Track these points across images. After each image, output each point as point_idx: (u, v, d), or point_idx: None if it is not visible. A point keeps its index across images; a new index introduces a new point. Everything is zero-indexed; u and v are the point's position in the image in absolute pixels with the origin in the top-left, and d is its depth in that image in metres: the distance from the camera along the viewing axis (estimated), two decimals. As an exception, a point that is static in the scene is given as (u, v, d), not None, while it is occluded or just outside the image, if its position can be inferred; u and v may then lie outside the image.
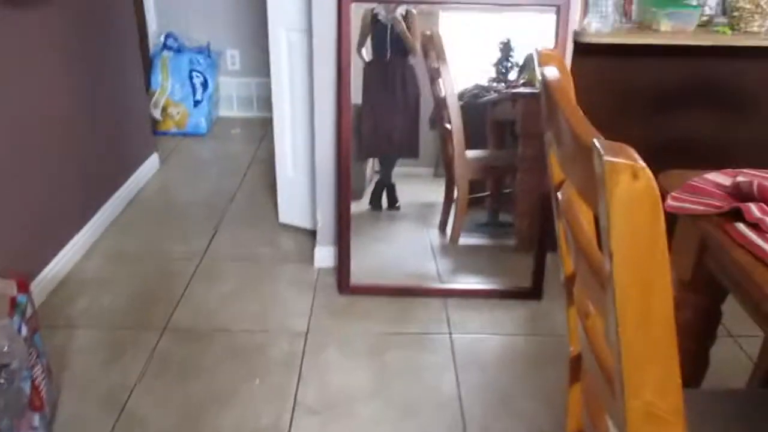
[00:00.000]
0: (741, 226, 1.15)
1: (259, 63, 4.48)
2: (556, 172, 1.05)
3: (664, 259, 0.61)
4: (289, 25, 2.77)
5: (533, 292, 2.70)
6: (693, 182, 1.31)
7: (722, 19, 2.55)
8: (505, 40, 4.88)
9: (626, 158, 0.59)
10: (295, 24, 2.75)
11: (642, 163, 0.60)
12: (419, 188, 5.26)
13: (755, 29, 2.41)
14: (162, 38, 4.41)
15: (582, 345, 0.99)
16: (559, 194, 1.03)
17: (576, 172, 0.81)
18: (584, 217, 0.94)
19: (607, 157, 0.60)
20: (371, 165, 5.41)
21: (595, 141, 0.64)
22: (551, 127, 0.97)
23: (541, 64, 1.02)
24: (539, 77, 1.01)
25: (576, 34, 2.51)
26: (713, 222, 1.21)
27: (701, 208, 1.24)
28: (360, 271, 2.82)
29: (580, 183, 0.79)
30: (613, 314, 0.64)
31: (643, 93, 2.66)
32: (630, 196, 0.59)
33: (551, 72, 0.97)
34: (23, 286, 1.72)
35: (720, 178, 1.32)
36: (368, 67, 4.31)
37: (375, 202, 4.32)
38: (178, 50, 4.30)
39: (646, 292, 0.61)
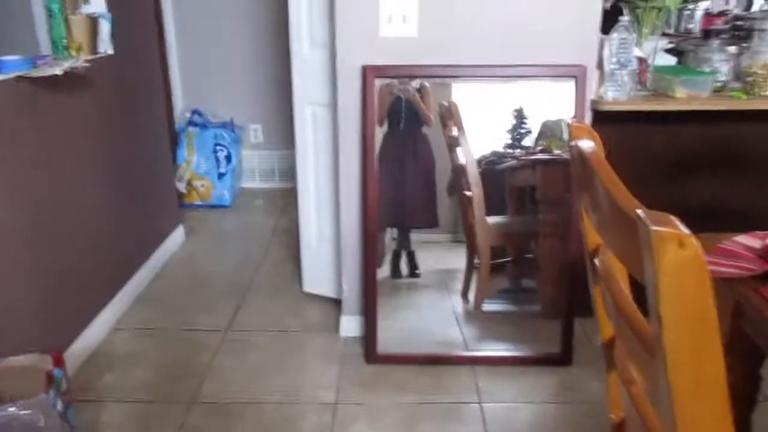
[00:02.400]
0: (775, 289, 1.15)
1: (280, 136, 4.60)
2: (591, 236, 1.05)
3: (714, 323, 0.62)
4: (313, 99, 2.86)
5: (563, 359, 2.66)
6: (724, 245, 1.32)
7: (736, 85, 2.61)
8: (518, 108, 4.99)
9: (672, 227, 0.61)
10: (319, 99, 2.84)
11: (687, 231, 0.62)
12: (439, 255, 5.23)
13: (769, 94, 2.46)
14: (188, 114, 4.56)
15: (627, 411, 0.98)
16: (595, 259, 1.04)
17: (615, 238, 0.81)
18: (624, 281, 0.94)
19: (653, 227, 0.61)
20: (389, 233, 5.44)
21: (639, 211, 0.65)
22: (586, 193, 0.99)
23: (573, 136, 1.06)
24: (572, 147, 1.04)
25: (594, 102, 2.57)
26: (747, 284, 1.21)
27: (735, 271, 1.24)
28: (385, 340, 2.80)
29: (621, 249, 0.80)
30: (665, 380, 0.64)
31: (663, 158, 2.69)
32: (678, 264, 0.60)
33: (586, 144, 1.00)
34: (59, 361, 1.74)
35: (750, 240, 1.33)
36: (384, 138, 4.40)
37: (395, 269, 4.32)
38: (203, 126, 4.44)
39: (697, 356, 0.62)
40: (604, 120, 2.59)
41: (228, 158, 4.38)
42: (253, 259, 3.51)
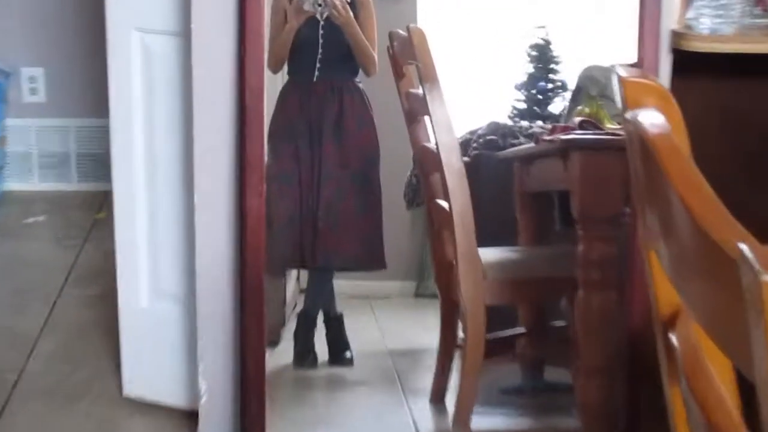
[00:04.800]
0: None
1: (81, 92, 4.50)
2: (662, 291, 1.08)
3: None
4: (144, 21, 2.83)
5: None
6: None
7: None
8: (541, 39, 5.06)
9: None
10: (156, 20, 2.81)
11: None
12: (390, 322, 5.24)
13: None
14: None
15: None
16: (671, 335, 1.06)
17: (702, 295, 0.85)
18: (723, 374, 0.97)
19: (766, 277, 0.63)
20: (292, 280, 5.39)
21: (744, 246, 0.67)
22: (651, 210, 1.01)
23: (628, 102, 1.05)
24: (628, 124, 1.05)
25: (675, 36, 2.58)
26: None
27: None
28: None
29: (712, 315, 0.83)
30: None
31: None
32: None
33: (652, 118, 1.00)
34: None
35: None
36: (283, 97, 4.33)
37: (303, 350, 4.23)
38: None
39: None
40: (690, 68, 2.61)
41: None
42: (24, 332, 3.44)
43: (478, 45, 5.01)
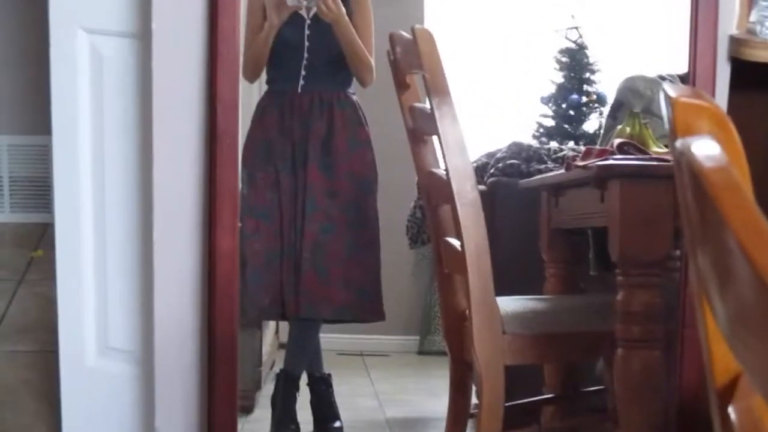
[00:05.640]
0: None
1: (17, 102, 4.51)
2: (717, 354, 1.08)
3: None
4: (92, 20, 2.85)
5: None
6: None
7: None
8: (575, 42, 5.05)
9: None
10: (108, 19, 2.83)
11: None
12: (388, 385, 5.25)
13: None
14: None
15: None
16: (729, 408, 1.05)
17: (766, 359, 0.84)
18: None
19: None
20: (270, 335, 5.38)
21: None
22: (705, 255, 1.00)
23: (678, 127, 1.06)
24: (677, 153, 1.05)
25: (735, 43, 2.60)
26: None
27: None
28: None
29: None
30: None
31: None
32: None
33: (707, 149, 0.99)
34: None
35: None
36: (261, 110, 4.31)
37: (283, 419, 4.20)
38: None
39: None
40: (754, 82, 2.64)
41: None
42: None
43: (497, 50, 5.02)
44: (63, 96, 2.91)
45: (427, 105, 2.89)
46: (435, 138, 2.94)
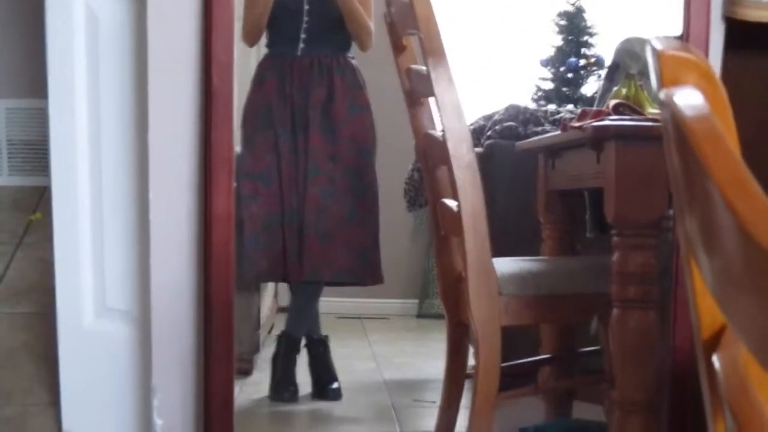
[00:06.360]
0: None
1: (14, 66, 4.50)
2: (704, 310, 1.08)
3: None
4: None
5: None
6: None
7: None
8: (573, 5, 5.03)
9: None
10: None
11: None
12: (386, 347, 5.26)
13: None
14: None
15: None
16: (714, 360, 1.07)
17: (751, 312, 0.84)
18: None
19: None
20: (269, 298, 5.38)
21: None
22: (691, 212, 1.00)
23: (664, 80, 1.06)
24: (664, 106, 1.04)
25: (729, 3, 2.59)
26: None
27: None
28: None
29: (761, 334, 0.82)
30: None
31: None
32: None
33: (689, 99, 0.99)
34: None
35: None
36: (260, 73, 4.31)
37: (283, 380, 4.22)
38: None
39: None
40: (748, 42, 2.63)
41: None
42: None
43: (496, 12, 5.01)
44: (58, 58, 2.91)
45: (423, 67, 2.89)
46: (431, 100, 2.93)
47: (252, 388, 4.00)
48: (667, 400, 2.71)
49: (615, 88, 3.14)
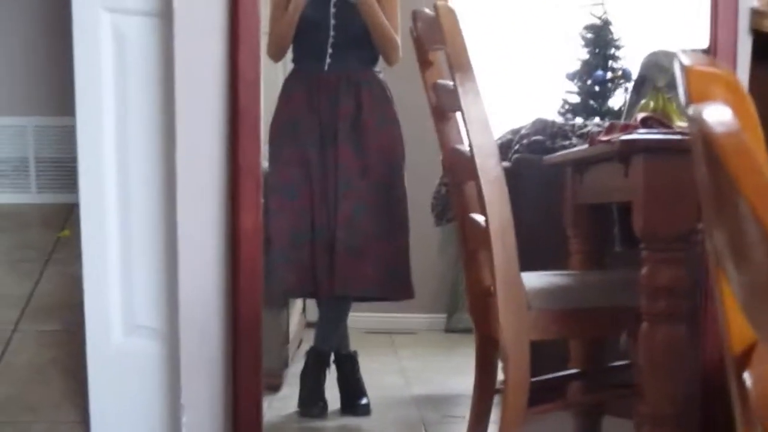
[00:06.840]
0: None
1: (43, 84, 4.51)
2: (734, 323, 1.07)
3: None
4: (117, 1, 2.85)
5: None
6: None
7: None
8: (599, 18, 5.01)
9: None
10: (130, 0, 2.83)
11: None
12: (415, 362, 5.24)
13: None
14: None
15: None
16: (746, 379, 1.05)
17: None
18: None
19: None
20: (297, 313, 5.38)
21: None
22: (720, 227, 1.00)
23: (692, 95, 1.05)
24: (692, 121, 1.04)
25: (756, 15, 2.59)
26: None
27: None
28: None
29: None
30: None
31: None
32: None
33: (718, 115, 0.98)
34: None
35: None
36: (287, 89, 4.32)
37: (311, 396, 4.22)
38: None
39: None
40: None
41: None
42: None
43: (522, 26, 5.01)
44: (86, 76, 2.92)
45: (450, 82, 2.88)
46: (458, 115, 2.93)
47: (281, 404, 3.99)
48: (698, 414, 2.70)
49: (642, 102, 3.13)
